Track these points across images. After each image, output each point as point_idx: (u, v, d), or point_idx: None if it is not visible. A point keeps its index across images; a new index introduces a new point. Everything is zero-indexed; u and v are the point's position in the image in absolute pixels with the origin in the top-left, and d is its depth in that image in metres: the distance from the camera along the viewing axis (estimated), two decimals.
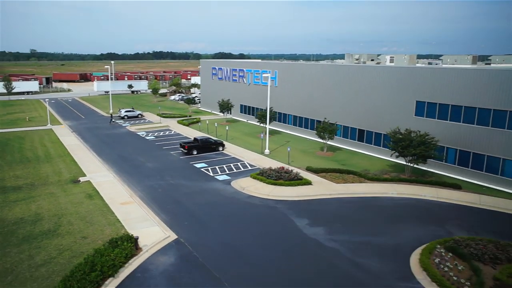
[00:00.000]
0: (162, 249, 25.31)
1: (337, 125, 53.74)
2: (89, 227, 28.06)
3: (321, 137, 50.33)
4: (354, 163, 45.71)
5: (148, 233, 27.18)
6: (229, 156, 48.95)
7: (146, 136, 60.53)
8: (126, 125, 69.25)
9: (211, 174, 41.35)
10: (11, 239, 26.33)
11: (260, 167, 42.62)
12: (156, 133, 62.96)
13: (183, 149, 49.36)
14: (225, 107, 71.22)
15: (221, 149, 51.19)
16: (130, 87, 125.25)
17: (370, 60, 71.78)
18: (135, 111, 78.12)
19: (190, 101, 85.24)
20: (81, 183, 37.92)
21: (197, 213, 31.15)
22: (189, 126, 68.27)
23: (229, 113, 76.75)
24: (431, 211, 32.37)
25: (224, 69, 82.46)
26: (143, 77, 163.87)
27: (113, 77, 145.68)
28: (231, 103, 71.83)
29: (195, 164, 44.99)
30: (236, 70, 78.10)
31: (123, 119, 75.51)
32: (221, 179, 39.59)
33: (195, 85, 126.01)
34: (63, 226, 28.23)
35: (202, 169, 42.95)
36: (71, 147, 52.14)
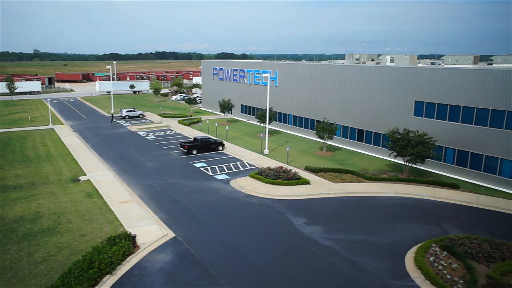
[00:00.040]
0: (159, 247, 25.60)
1: (337, 125, 53.98)
2: (88, 225, 28.39)
3: (320, 137, 50.53)
4: (353, 163, 45.88)
5: (146, 231, 27.49)
6: (228, 155, 49.21)
7: (146, 135, 60.87)
8: (127, 125, 69.64)
9: (210, 173, 41.62)
10: (11, 236, 26.69)
11: (259, 167, 42.85)
12: (156, 133, 63.30)
13: (183, 149, 49.65)
14: (225, 107, 71.53)
15: (221, 148, 51.45)
16: (132, 87, 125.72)
17: (370, 60, 71.88)
18: (136, 111, 78.52)
19: (191, 101, 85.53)
20: (81, 182, 38.27)
21: (195, 212, 31.42)
22: (189, 126, 68.61)
23: (230, 113, 77.13)
24: (428, 211, 32.52)
25: (225, 69, 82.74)
26: (145, 77, 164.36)
27: (115, 77, 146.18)
28: (232, 103, 72.14)
29: (194, 163, 45.27)
30: (236, 70, 78.37)
31: (124, 119, 75.93)
32: (220, 179, 39.85)
33: (196, 85, 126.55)
34: (62, 224, 28.58)
35: (201, 169, 43.22)
36: (72, 147, 52.55)
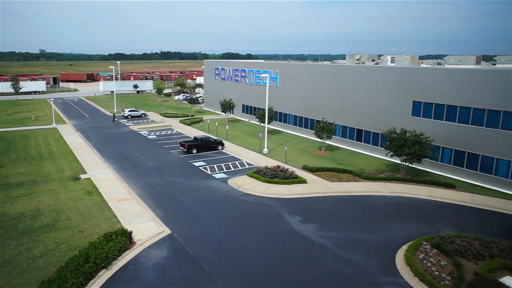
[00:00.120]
0: (155, 243, 26.17)
1: (336, 124, 54.37)
2: (86, 222, 29.03)
3: (319, 136, 50.91)
4: (351, 163, 46.23)
5: (143, 228, 28.07)
6: (228, 155, 49.73)
7: (148, 135, 61.55)
8: (129, 124, 70.39)
9: (209, 172, 42.16)
10: (11, 232, 27.38)
11: (257, 166, 43.33)
12: (158, 132, 63.96)
13: (183, 148, 50.23)
14: (226, 107, 72.08)
15: (220, 148, 51.98)
16: (135, 87, 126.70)
17: (371, 60, 72.18)
18: (139, 111, 79.28)
19: (193, 101, 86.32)
20: (81, 180, 38.95)
21: (192, 210, 31.97)
22: (191, 125, 69.22)
23: (231, 113, 77.67)
24: (423, 210, 32.85)
25: (226, 69, 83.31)
26: (149, 77, 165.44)
27: (119, 77, 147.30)
28: (233, 103, 72.67)
29: (194, 162, 45.84)
30: (238, 70, 78.92)
31: (126, 119, 76.70)
32: (218, 177, 40.38)
33: (199, 85, 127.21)
34: (61, 220, 29.24)
35: (200, 168, 43.78)
36: (74, 146, 53.33)
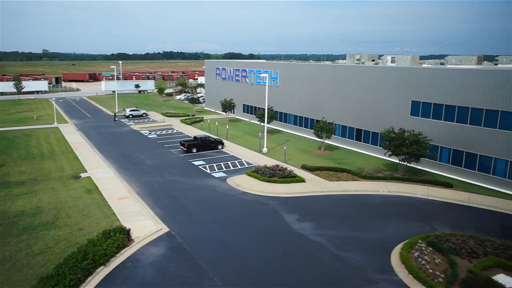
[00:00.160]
0: (153, 241, 26.47)
1: (336, 124, 54.57)
2: (85, 220, 29.36)
3: (318, 136, 51.10)
4: (350, 162, 46.42)
5: (141, 226, 28.38)
6: (227, 154, 50.00)
7: (148, 134, 61.90)
8: (130, 124, 70.79)
9: (208, 171, 42.45)
10: (11, 230, 27.74)
11: (257, 165, 43.54)
12: (158, 131, 64.32)
13: (183, 147, 50.53)
14: (227, 106, 72.37)
15: (220, 147, 52.26)
16: (137, 86, 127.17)
17: (371, 60, 72.34)
18: (140, 110, 79.67)
19: (194, 101, 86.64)
20: (81, 179, 39.31)
21: (191, 208, 32.26)
22: (191, 125, 69.54)
23: (232, 113, 77.96)
24: (420, 209, 33.03)
25: (227, 69, 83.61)
26: (151, 77, 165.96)
27: (121, 77, 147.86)
28: (234, 103, 72.94)
29: (193, 161, 46.14)
30: (239, 70, 79.20)
31: (127, 118, 77.09)
32: (217, 176, 40.66)
33: (201, 85, 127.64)
34: (61, 218, 29.59)
35: (200, 167, 44.07)
36: (75, 145, 53.72)
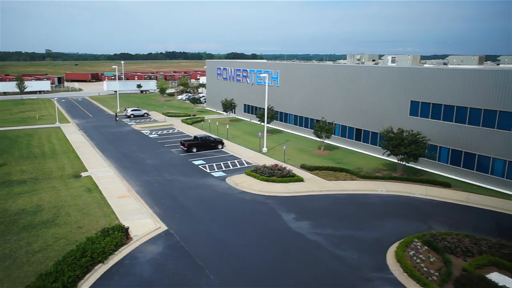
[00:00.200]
0: (151, 239, 26.75)
1: (336, 124, 54.75)
2: (85, 218, 29.69)
3: (318, 136, 51.29)
4: (349, 162, 46.59)
5: (140, 224, 28.67)
6: (227, 154, 50.26)
7: (149, 134, 62.24)
8: (131, 124, 71.15)
9: (208, 170, 42.72)
10: (12, 227, 28.09)
11: (256, 165, 43.76)
12: (159, 131, 64.64)
13: (183, 147, 50.83)
14: (228, 106, 72.64)
15: (220, 147, 52.51)
16: (139, 86, 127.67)
17: (371, 60, 72.47)
18: (141, 110, 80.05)
19: (195, 101, 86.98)
20: (82, 178, 39.66)
21: (189, 207, 32.53)
22: (192, 125, 69.85)
23: (232, 113, 78.21)
24: (418, 208, 33.17)
25: (228, 69, 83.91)
26: (153, 77, 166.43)
27: (123, 77, 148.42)
28: (234, 103, 73.20)
29: (193, 161, 46.43)
30: (240, 70, 79.47)
31: (129, 118, 77.48)
32: (216, 176, 40.91)
33: (202, 85, 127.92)
34: (61, 217, 29.92)
35: (199, 166, 44.34)
36: (76, 144, 54.11)
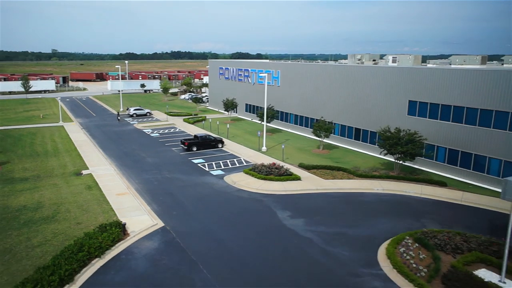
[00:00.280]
0: (148, 235, 27.36)
1: (335, 124, 55.16)
2: (84, 215, 30.37)
3: (317, 135, 51.70)
4: (348, 161, 46.98)
5: (137, 221, 29.29)
6: (227, 152, 50.83)
7: (151, 133, 62.97)
8: (133, 123, 71.94)
9: (207, 169, 43.30)
10: (13, 223, 28.83)
11: (255, 163, 44.25)
12: (161, 130, 65.35)
13: (183, 146, 51.48)
14: (229, 106, 73.26)
15: (220, 146, 53.09)
16: (142, 86, 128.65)
17: (371, 60, 72.74)
18: (144, 109, 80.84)
19: (197, 100, 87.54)
20: (83, 175, 40.38)
21: (187, 204, 33.13)
22: (194, 124, 70.50)
23: (234, 112, 78.83)
24: (412, 206, 33.54)
25: (230, 69, 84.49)
26: (157, 76, 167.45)
27: (126, 76, 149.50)
28: (236, 102, 73.77)
29: (193, 159, 47.04)
30: (241, 70, 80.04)
31: (131, 117, 78.29)
32: (215, 174, 41.48)
33: (205, 84, 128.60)
34: (61, 213, 30.63)
35: (199, 165, 44.95)
36: (78, 143, 54.92)
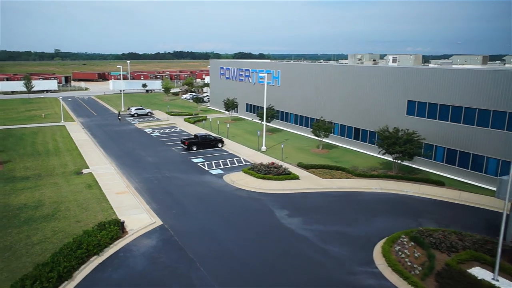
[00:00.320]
0: (146, 233, 27.67)
1: (335, 123, 55.37)
2: (84, 213, 30.71)
3: (316, 135, 51.91)
4: (347, 160, 47.17)
5: (136, 219, 29.61)
6: (227, 152, 51.12)
7: (152, 133, 63.31)
8: (134, 122, 72.32)
9: (206, 168, 43.59)
10: (13, 221, 29.20)
11: (254, 163, 44.53)
12: (162, 130, 65.70)
13: (183, 145, 51.80)
14: (230, 105, 73.54)
15: (220, 145, 53.36)
16: (144, 86, 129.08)
17: (372, 60, 72.87)
18: (145, 109, 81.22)
19: (198, 100, 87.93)
20: (83, 174, 40.75)
21: (185, 203, 33.42)
22: (194, 124, 70.82)
23: (235, 112, 79.12)
24: (409, 206, 33.73)
25: (231, 69, 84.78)
26: (159, 76, 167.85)
27: (128, 76, 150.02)
28: (236, 102, 74.06)
29: (193, 159, 47.34)
30: (242, 70, 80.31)
31: (133, 117, 78.68)
32: (214, 173, 41.76)
33: (207, 84, 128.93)
34: (61, 211, 30.98)
35: (198, 164, 45.25)
36: (79, 142, 55.32)
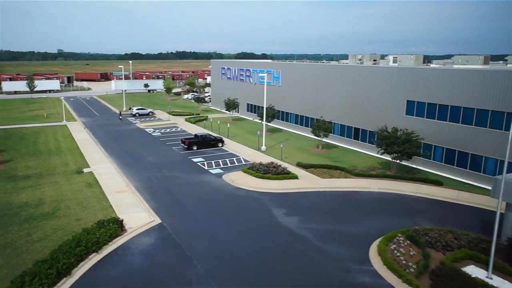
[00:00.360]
0: (145, 232, 27.99)
1: (335, 123, 55.57)
2: (83, 211, 31.06)
3: (316, 134, 52.10)
4: (346, 160, 47.36)
5: (135, 217, 29.93)
6: (227, 151, 51.40)
7: (153, 132, 63.68)
8: (136, 122, 72.72)
9: (206, 168, 43.88)
10: (14, 219, 29.57)
11: (253, 162, 44.79)
12: (163, 129, 66.05)
13: (183, 145, 52.13)
14: (231, 105, 73.81)
15: (220, 145, 53.66)
16: (146, 86, 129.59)
17: (372, 60, 73.04)
18: (146, 109, 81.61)
19: (199, 100, 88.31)
20: (84, 173, 41.12)
21: (184, 202, 33.72)
22: (195, 123, 71.15)
23: (236, 112, 79.41)
24: (407, 205, 33.91)
25: (232, 69, 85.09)
26: (161, 76, 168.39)
27: (130, 76, 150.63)
28: (237, 102, 74.35)
29: (193, 158, 47.65)
30: (243, 70, 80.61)
31: (134, 117, 79.09)
32: (214, 173, 42.05)
33: (209, 84, 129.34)
34: (61, 210, 31.34)
35: (198, 163, 45.55)
36: (81, 142, 55.74)
